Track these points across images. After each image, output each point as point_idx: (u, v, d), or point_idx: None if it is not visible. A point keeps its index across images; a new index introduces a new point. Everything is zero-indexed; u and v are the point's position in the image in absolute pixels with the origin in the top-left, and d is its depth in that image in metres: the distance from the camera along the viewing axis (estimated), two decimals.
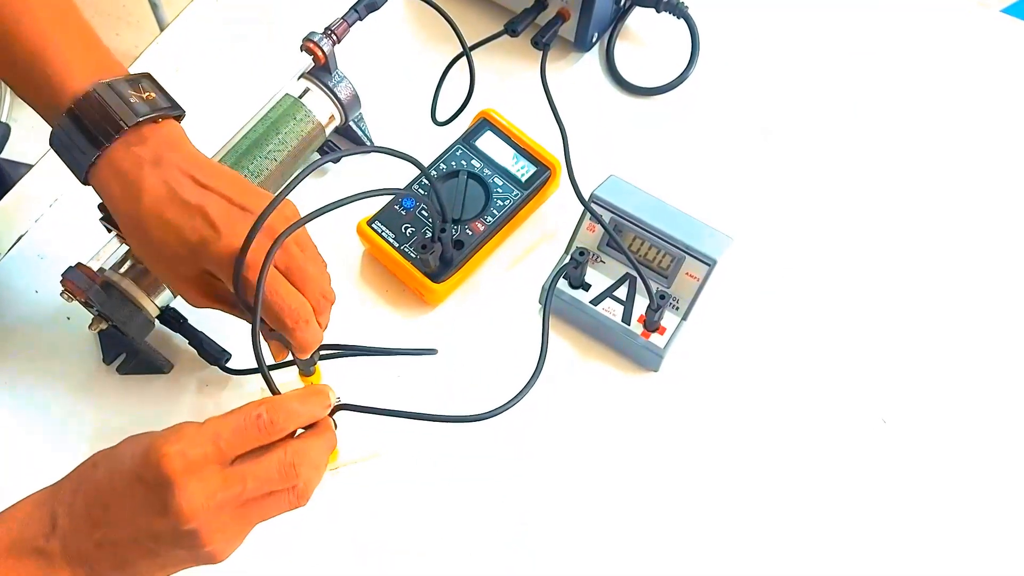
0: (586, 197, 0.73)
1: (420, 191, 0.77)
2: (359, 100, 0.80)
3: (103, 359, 0.74)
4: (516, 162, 0.78)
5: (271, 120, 0.74)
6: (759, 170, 0.84)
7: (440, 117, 0.82)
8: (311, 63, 0.76)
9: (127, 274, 0.68)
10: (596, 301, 0.74)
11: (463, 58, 0.78)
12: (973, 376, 0.75)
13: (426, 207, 0.76)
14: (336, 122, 0.79)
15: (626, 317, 0.73)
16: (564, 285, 0.74)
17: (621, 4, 0.89)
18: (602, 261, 0.75)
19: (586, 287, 0.74)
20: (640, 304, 0.73)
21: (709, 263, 0.71)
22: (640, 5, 0.89)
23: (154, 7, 1.71)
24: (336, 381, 0.59)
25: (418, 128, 0.83)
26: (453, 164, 0.78)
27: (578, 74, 0.89)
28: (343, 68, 0.78)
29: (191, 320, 0.73)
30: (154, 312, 0.70)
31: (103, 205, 0.64)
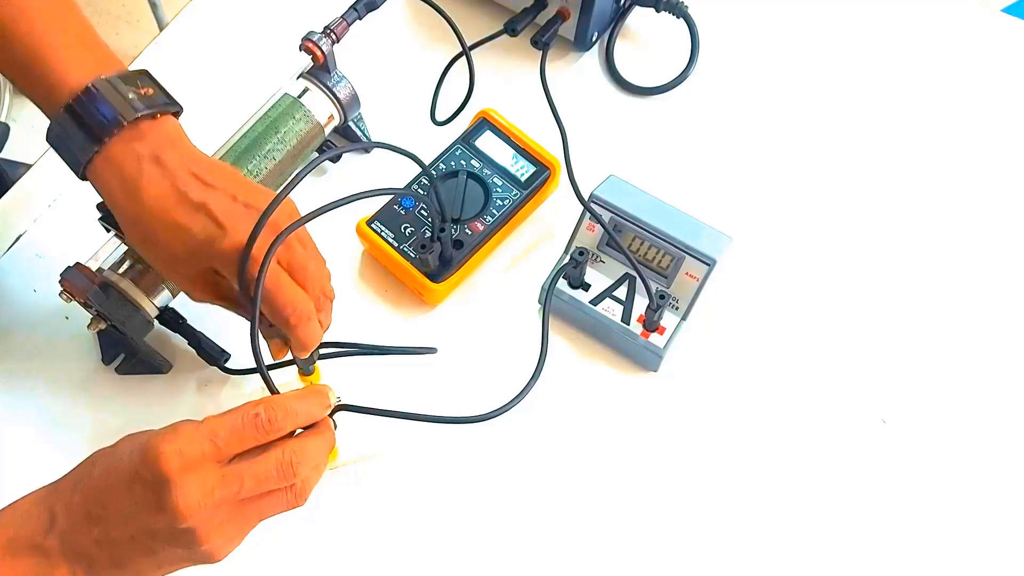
0: (586, 197, 0.73)
1: (420, 191, 0.77)
2: (358, 100, 0.79)
3: (102, 359, 0.74)
4: (515, 162, 0.78)
5: (270, 120, 0.74)
6: (759, 170, 0.83)
7: (439, 117, 0.82)
8: (310, 62, 0.76)
9: (126, 274, 0.68)
10: (596, 301, 0.74)
11: (462, 58, 0.78)
12: (973, 376, 0.75)
13: (425, 207, 0.76)
14: (335, 122, 0.78)
15: (626, 317, 0.73)
16: (564, 285, 0.74)
17: (621, 3, 0.89)
18: (602, 261, 0.75)
19: (586, 287, 0.74)
20: (640, 304, 0.73)
21: (709, 263, 0.71)
22: (640, 4, 0.89)
23: (153, 7, 1.71)
24: (336, 381, 0.59)
25: (417, 128, 0.82)
26: (452, 164, 0.78)
27: (578, 74, 0.88)
28: (342, 68, 0.78)
29: (190, 320, 0.73)
30: (153, 312, 0.70)
31: (101, 204, 0.64)
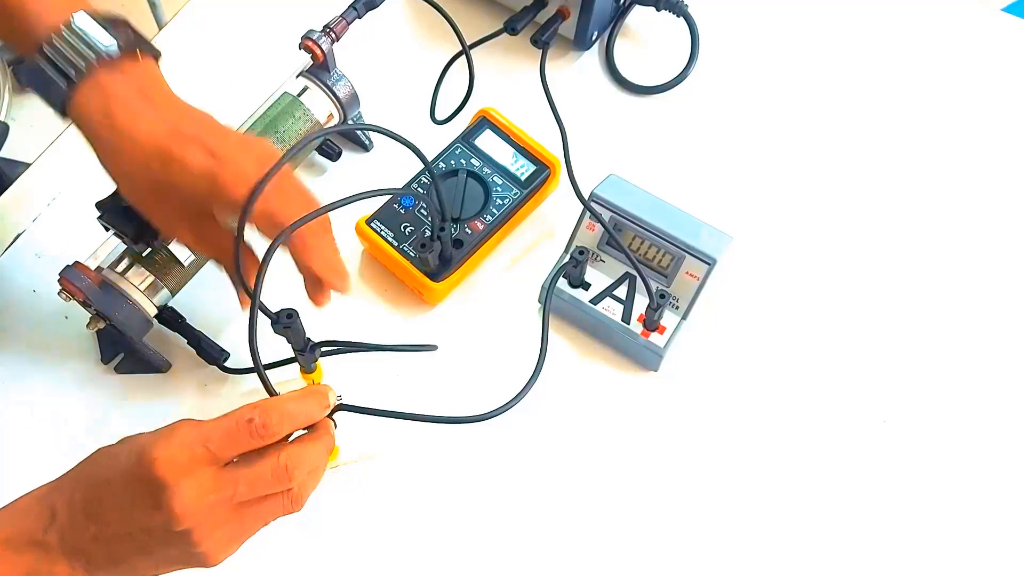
0: (586, 196, 0.73)
1: (419, 190, 0.77)
2: (358, 98, 0.79)
3: (101, 358, 0.74)
4: (515, 161, 0.78)
5: (269, 118, 0.74)
6: (760, 169, 0.83)
7: (439, 116, 0.82)
8: (310, 61, 0.75)
9: (125, 273, 0.68)
10: (596, 300, 0.73)
11: (462, 56, 0.78)
12: (973, 376, 0.74)
13: (425, 205, 0.76)
14: (335, 120, 0.78)
15: (626, 316, 0.73)
16: (564, 284, 0.74)
17: (621, 2, 0.89)
18: (602, 260, 0.75)
19: (586, 286, 0.74)
20: (640, 303, 0.73)
21: (709, 262, 0.70)
22: (640, 3, 0.89)
23: (152, 6, 1.71)
24: (336, 380, 0.59)
25: (417, 127, 0.82)
26: (452, 163, 0.78)
27: (578, 73, 0.88)
28: (342, 66, 0.78)
29: (190, 320, 0.73)
30: (152, 311, 0.70)
31: (101, 203, 0.64)
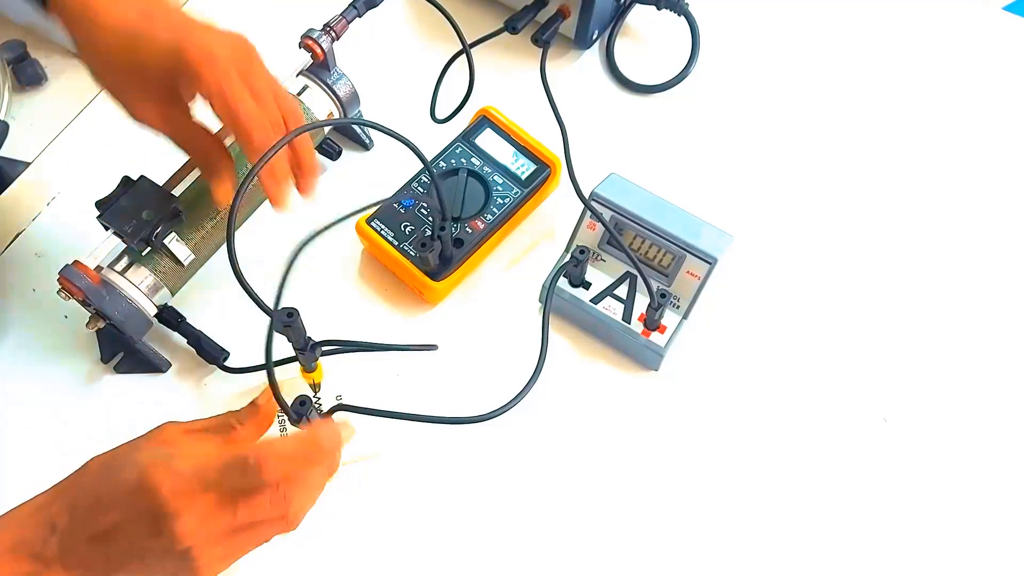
0: (586, 195, 0.73)
1: (419, 189, 0.77)
2: (358, 97, 0.79)
3: (100, 358, 0.74)
4: (516, 160, 0.78)
5: None
6: (760, 168, 0.83)
7: (440, 115, 0.82)
8: (310, 60, 0.75)
9: (125, 272, 0.68)
10: (596, 300, 0.73)
11: (463, 55, 0.78)
12: (974, 375, 0.74)
13: (425, 205, 0.76)
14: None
15: (626, 316, 0.73)
16: (564, 283, 0.74)
17: (621, 1, 0.89)
18: (602, 259, 0.75)
19: (586, 285, 0.74)
20: (641, 303, 0.73)
21: (710, 261, 0.70)
22: (640, 2, 0.89)
23: None
24: (336, 379, 0.59)
25: (417, 126, 0.82)
26: (453, 162, 0.78)
27: (578, 72, 0.88)
28: (342, 65, 0.78)
29: (189, 319, 0.73)
30: (152, 311, 0.70)
31: (100, 203, 0.64)
